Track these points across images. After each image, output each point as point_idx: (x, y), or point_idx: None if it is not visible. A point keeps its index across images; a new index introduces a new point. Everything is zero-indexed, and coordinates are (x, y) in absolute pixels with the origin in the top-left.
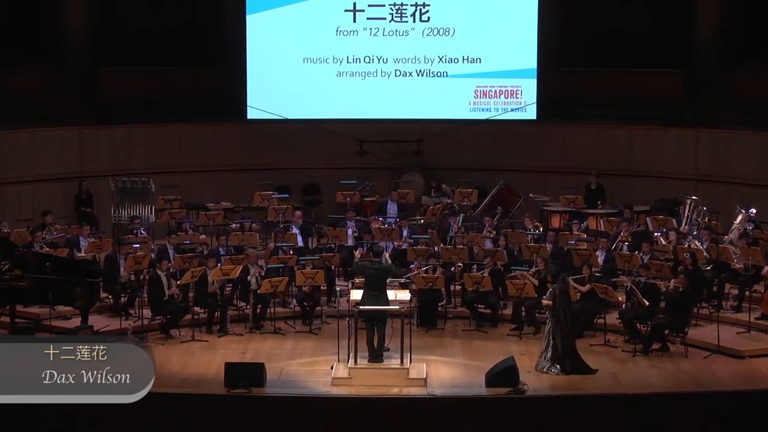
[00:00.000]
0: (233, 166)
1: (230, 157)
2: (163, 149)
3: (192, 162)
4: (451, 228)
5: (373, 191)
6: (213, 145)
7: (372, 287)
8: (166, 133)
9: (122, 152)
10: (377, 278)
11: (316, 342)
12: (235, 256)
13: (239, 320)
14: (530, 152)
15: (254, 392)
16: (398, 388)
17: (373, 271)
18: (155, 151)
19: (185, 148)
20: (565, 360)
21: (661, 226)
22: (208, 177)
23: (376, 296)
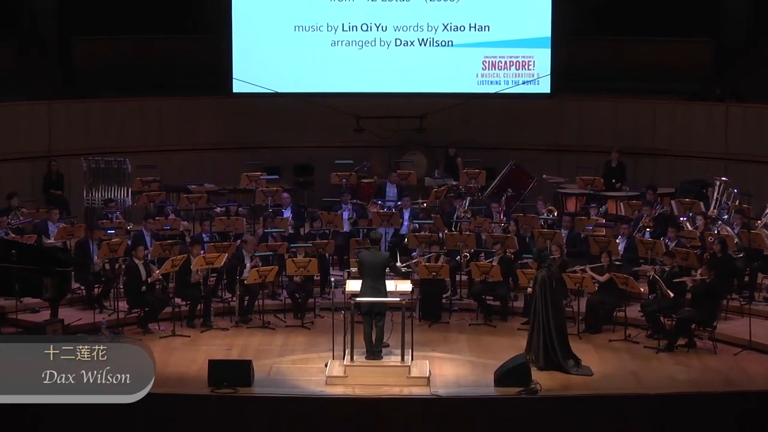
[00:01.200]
0: (218, 145)
1: (214, 135)
2: (141, 126)
3: (172, 140)
4: (456, 212)
5: (371, 172)
6: (195, 121)
7: (371, 278)
8: (144, 108)
9: (96, 129)
10: (376, 268)
11: (309, 337)
12: (220, 242)
13: (224, 313)
14: (544, 129)
15: (241, 392)
16: (399, 388)
17: (371, 260)
18: (132, 127)
19: (165, 124)
20: (539, 354)
21: (688, 210)
22: (190, 156)
23: (374, 287)
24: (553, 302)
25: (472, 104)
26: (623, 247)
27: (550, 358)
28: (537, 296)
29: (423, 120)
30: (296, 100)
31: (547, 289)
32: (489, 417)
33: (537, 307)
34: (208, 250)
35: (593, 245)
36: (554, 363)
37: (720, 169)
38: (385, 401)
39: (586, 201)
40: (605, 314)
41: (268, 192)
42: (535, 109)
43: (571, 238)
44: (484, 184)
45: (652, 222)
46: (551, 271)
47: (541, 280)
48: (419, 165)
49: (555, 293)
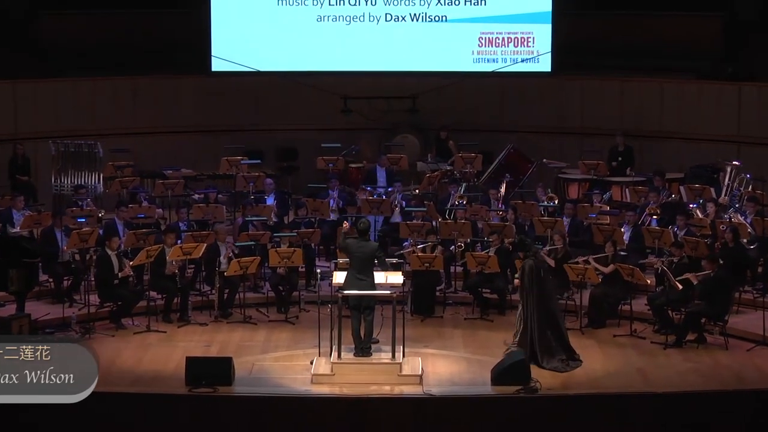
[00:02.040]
0: (196, 127)
1: (192, 117)
2: (114, 107)
3: (147, 122)
4: (451, 199)
5: (360, 156)
6: (172, 102)
7: (357, 269)
8: (116, 88)
9: (65, 110)
10: (363, 259)
11: (293, 333)
12: (198, 232)
13: (203, 307)
14: (544, 110)
15: (220, 392)
16: (389, 387)
17: (358, 250)
18: (104, 109)
19: (139, 105)
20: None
21: (698, 196)
22: (166, 140)
23: (361, 279)
24: (542, 293)
25: (468, 84)
26: (629, 237)
27: (533, 352)
28: (526, 287)
29: (415, 101)
30: (279, 79)
31: (535, 279)
32: (485, 417)
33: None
34: (185, 240)
35: (597, 234)
36: (534, 358)
37: (732, 152)
38: (374, 401)
39: (589, 187)
40: (609, 308)
41: (250, 178)
42: (535, 89)
43: (573, 226)
44: (480, 169)
45: (659, 209)
46: (539, 259)
47: (529, 270)
48: (411, 148)
49: (544, 283)
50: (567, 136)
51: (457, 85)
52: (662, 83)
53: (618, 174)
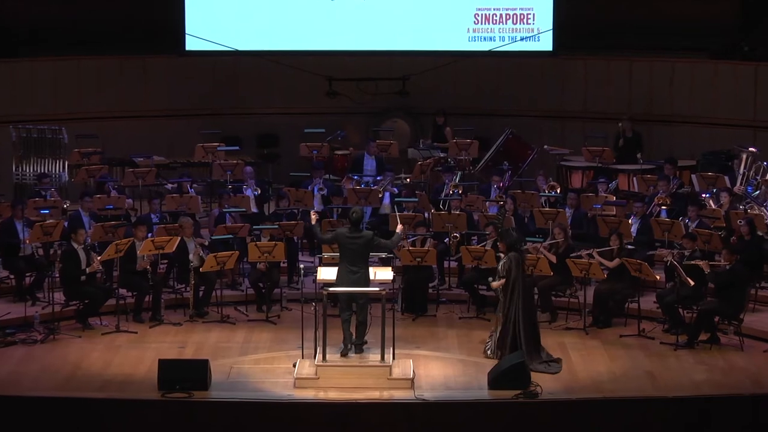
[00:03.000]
0: (168, 111)
1: (164, 100)
2: (79, 89)
3: (115, 105)
4: (445, 189)
5: (346, 142)
6: (142, 84)
7: (350, 261)
8: (82, 69)
9: (26, 93)
10: (356, 251)
11: (275, 333)
12: (171, 224)
13: (177, 306)
14: (545, 93)
15: (196, 397)
16: (378, 391)
17: (351, 242)
18: (68, 91)
19: (107, 88)
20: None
21: (711, 185)
22: (136, 125)
23: (354, 272)
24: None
25: (463, 64)
26: (636, 229)
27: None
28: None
29: (406, 82)
30: (259, 59)
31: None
32: (482, 424)
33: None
34: (157, 233)
35: (602, 226)
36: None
37: (748, 138)
38: (362, 407)
39: (593, 176)
40: (615, 306)
41: (227, 166)
42: (536, 70)
43: (577, 218)
44: (476, 156)
45: (669, 199)
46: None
47: (516, 263)
48: (401, 134)
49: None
50: (570, 121)
51: (451, 65)
52: (673, 63)
53: (625, 161)
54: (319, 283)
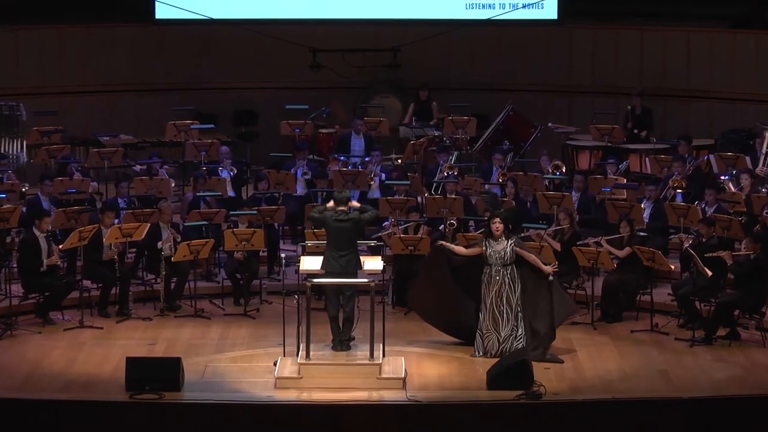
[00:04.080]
0: (137, 86)
1: (132, 73)
2: (39, 61)
3: (79, 79)
4: (440, 170)
5: (332, 120)
6: (108, 55)
7: (337, 246)
8: (43, 39)
9: None
10: (344, 234)
11: (254, 328)
12: (140, 210)
13: (146, 299)
14: (549, 65)
15: (167, 398)
16: (367, 392)
17: (337, 225)
18: (27, 64)
19: (69, 59)
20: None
21: (730, 166)
22: (101, 100)
23: (342, 257)
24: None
25: (459, 34)
26: (649, 214)
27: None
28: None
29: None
30: (236, 28)
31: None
32: (480, 427)
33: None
34: (124, 219)
35: (611, 211)
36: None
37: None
38: (349, 408)
39: (602, 156)
40: (626, 298)
41: (201, 145)
42: (539, 40)
43: (584, 202)
44: (473, 135)
45: (685, 182)
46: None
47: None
48: (392, 111)
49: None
50: (576, 96)
51: (446, 36)
52: (689, 33)
53: (636, 140)
54: (302, 273)
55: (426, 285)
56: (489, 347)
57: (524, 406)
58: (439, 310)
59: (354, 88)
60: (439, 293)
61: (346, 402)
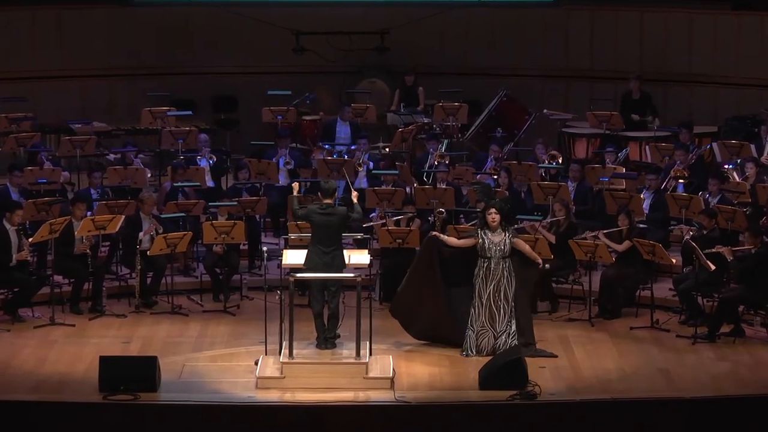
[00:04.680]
0: (111, 70)
1: (106, 57)
2: (7, 45)
3: (50, 63)
4: (429, 159)
5: (317, 106)
6: (81, 38)
7: (321, 241)
8: (10, 20)
9: None
10: (329, 228)
11: (234, 326)
12: (114, 201)
13: (120, 295)
14: (545, 49)
15: (143, 399)
16: (353, 392)
17: (322, 219)
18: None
19: (39, 43)
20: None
21: (734, 155)
22: (73, 86)
23: (327, 254)
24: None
25: (450, 16)
26: (649, 205)
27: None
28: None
29: (384, 37)
30: (215, 9)
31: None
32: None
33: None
34: (97, 211)
35: (610, 202)
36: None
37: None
38: (334, 410)
39: (600, 144)
40: (625, 293)
41: (178, 133)
42: (535, 22)
43: (581, 193)
44: (465, 122)
45: (687, 171)
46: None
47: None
48: (380, 97)
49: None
50: (574, 81)
51: (437, 17)
52: (691, 14)
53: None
54: (285, 268)
55: (412, 290)
56: (483, 345)
57: (518, 406)
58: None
59: (340, 73)
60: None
61: (331, 403)
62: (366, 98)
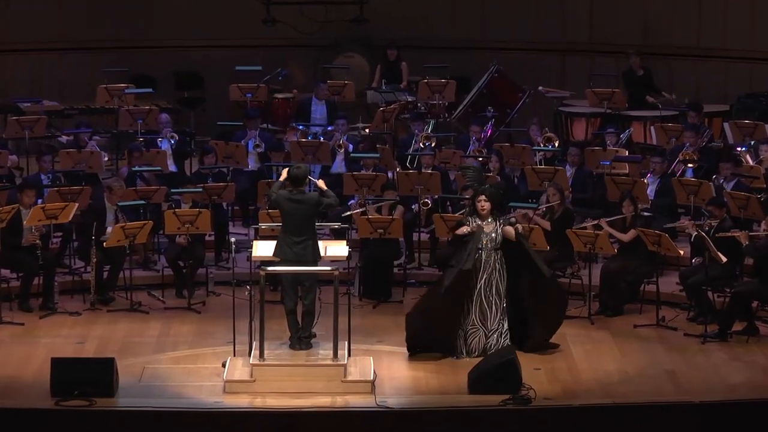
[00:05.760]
0: (63, 44)
1: (57, 29)
2: None
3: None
4: (413, 141)
5: (289, 83)
6: (30, 9)
7: (292, 230)
8: None
9: None
10: (300, 216)
11: (199, 324)
12: (67, 187)
13: (74, 290)
14: (540, 20)
15: (99, 405)
16: (330, 397)
17: (292, 206)
18: None
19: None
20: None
21: (747, 136)
22: (22, 61)
23: (298, 244)
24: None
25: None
26: (654, 191)
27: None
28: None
29: (363, 7)
30: None
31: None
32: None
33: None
34: (48, 198)
35: (611, 188)
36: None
37: None
38: (309, 416)
39: (601, 124)
40: (628, 288)
41: (138, 113)
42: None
43: (580, 179)
44: (452, 101)
45: (696, 154)
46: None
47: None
48: (359, 73)
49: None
50: (571, 55)
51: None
52: None
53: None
54: (255, 261)
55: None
56: (473, 345)
57: (511, 412)
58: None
59: (315, 47)
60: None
61: (306, 409)
62: (344, 74)
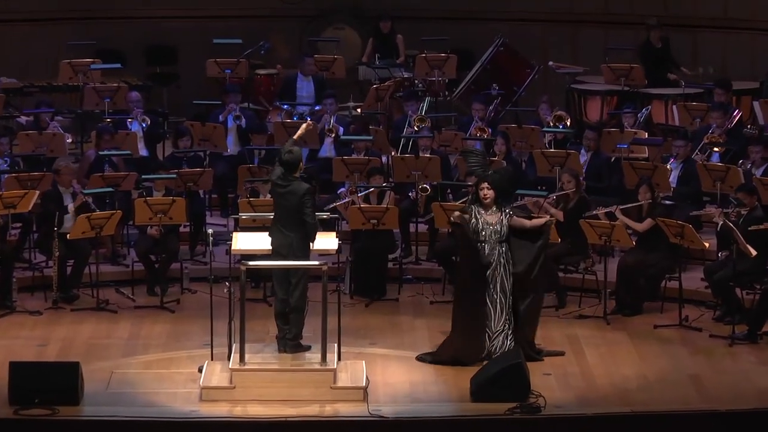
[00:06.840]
0: (22, 14)
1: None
2: None
3: None
4: (409, 122)
5: (273, 58)
6: None
7: (280, 221)
8: None
9: None
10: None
11: (173, 324)
12: (27, 173)
13: (35, 287)
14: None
15: (62, 414)
16: (318, 405)
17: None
18: None
19: None
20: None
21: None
22: None
23: (287, 236)
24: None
25: None
26: (677, 177)
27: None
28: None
29: None
30: None
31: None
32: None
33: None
34: (6, 185)
35: (629, 174)
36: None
37: None
38: (295, 426)
39: (617, 103)
40: (648, 285)
41: (105, 91)
42: None
43: (595, 165)
44: (453, 77)
45: (723, 137)
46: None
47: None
48: (349, 46)
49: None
50: (584, 27)
51: None
52: None
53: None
54: (235, 254)
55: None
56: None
57: (518, 422)
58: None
59: (300, 18)
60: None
61: (292, 418)
62: (333, 48)
